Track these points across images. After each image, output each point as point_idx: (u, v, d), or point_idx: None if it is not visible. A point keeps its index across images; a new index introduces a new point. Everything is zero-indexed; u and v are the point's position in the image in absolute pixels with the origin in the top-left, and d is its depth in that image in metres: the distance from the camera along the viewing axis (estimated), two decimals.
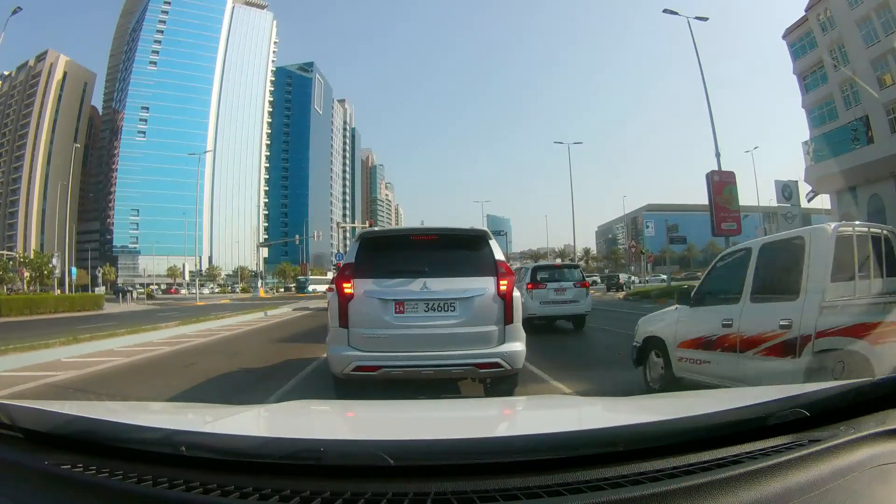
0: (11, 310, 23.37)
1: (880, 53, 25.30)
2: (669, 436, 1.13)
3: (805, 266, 3.84)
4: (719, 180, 21.36)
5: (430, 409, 2.13)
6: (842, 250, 3.77)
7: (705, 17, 23.07)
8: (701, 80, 22.05)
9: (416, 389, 4.54)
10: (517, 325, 4.59)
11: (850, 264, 3.74)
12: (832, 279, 3.71)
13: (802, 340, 3.67)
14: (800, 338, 3.70)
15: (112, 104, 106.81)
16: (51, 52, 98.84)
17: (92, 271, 70.01)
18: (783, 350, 3.81)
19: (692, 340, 4.79)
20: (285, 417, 1.86)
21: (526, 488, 0.94)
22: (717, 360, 4.49)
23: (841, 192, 27.35)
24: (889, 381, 1.23)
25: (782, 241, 4.43)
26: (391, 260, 4.67)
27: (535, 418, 1.89)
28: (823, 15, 28.94)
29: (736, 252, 4.90)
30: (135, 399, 5.15)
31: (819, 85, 30.11)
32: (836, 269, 3.73)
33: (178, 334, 12.40)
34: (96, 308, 28.48)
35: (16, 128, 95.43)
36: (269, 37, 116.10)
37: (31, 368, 7.47)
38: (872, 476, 1.01)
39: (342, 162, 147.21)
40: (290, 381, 6.26)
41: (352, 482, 0.97)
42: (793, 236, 4.28)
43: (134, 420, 1.40)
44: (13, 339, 10.11)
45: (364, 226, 57.16)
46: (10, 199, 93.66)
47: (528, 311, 9.56)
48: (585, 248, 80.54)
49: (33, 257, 52.32)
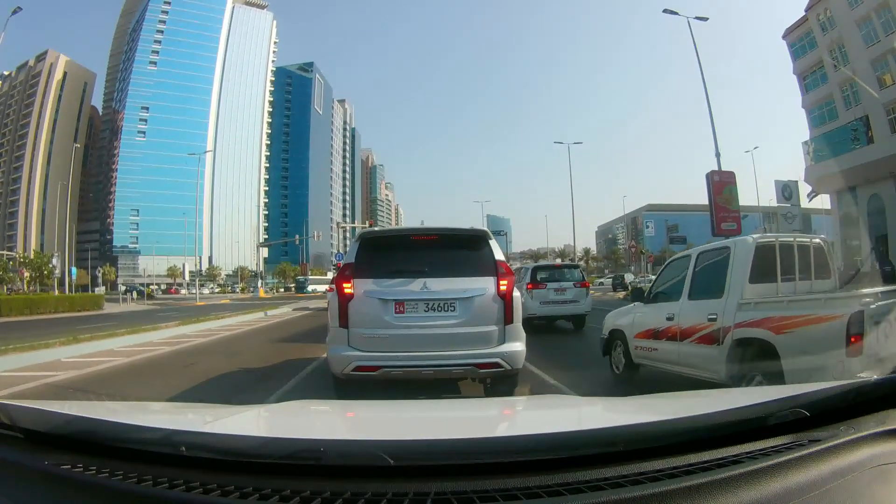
0: (11, 310, 23.37)
1: (880, 53, 25.27)
2: (669, 436, 1.13)
3: (729, 271, 4.64)
4: (719, 180, 21.35)
5: (430, 409, 2.13)
6: (761, 258, 4.54)
7: (705, 17, 23.07)
8: (701, 79, 22.07)
9: (416, 389, 4.54)
10: (517, 325, 4.59)
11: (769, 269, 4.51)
12: (751, 281, 4.48)
13: (724, 331, 4.44)
14: (722, 329, 4.47)
15: (112, 104, 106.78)
16: (51, 52, 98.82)
17: (92, 271, 69.97)
18: (710, 339, 4.58)
19: (644, 332, 5.62)
20: (285, 417, 1.86)
21: (526, 488, 0.94)
22: (662, 348, 5.32)
23: (841, 192, 27.31)
24: (889, 381, 1.23)
25: (714, 249, 5.19)
26: (391, 260, 4.67)
27: (535, 418, 1.89)
28: (823, 15, 28.91)
29: (680, 258, 5.71)
30: (135, 399, 5.15)
31: (819, 85, 30.08)
32: (755, 273, 4.50)
33: (178, 334, 12.40)
34: (96, 308, 28.49)
35: (16, 128, 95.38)
36: (269, 37, 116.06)
37: (31, 368, 7.47)
38: (872, 476, 1.01)
39: (342, 162, 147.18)
40: (290, 381, 6.27)
41: (352, 482, 0.97)
42: (722, 246, 5.08)
43: (134, 420, 1.40)
44: (13, 339, 10.11)
45: (364, 226, 57.14)
46: (10, 199, 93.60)
47: (528, 311, 9.56)
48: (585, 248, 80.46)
49: (33, 257, 52.26)
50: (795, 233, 5.23)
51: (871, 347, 3.53)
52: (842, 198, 27.50)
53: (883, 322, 3.61)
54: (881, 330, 3.61)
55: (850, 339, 3.52)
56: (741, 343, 4.29)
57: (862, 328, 3.53)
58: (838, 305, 3.78)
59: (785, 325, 3.95)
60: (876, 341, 3.57)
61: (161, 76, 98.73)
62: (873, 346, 3.55)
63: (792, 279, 4.59)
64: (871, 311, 3.61)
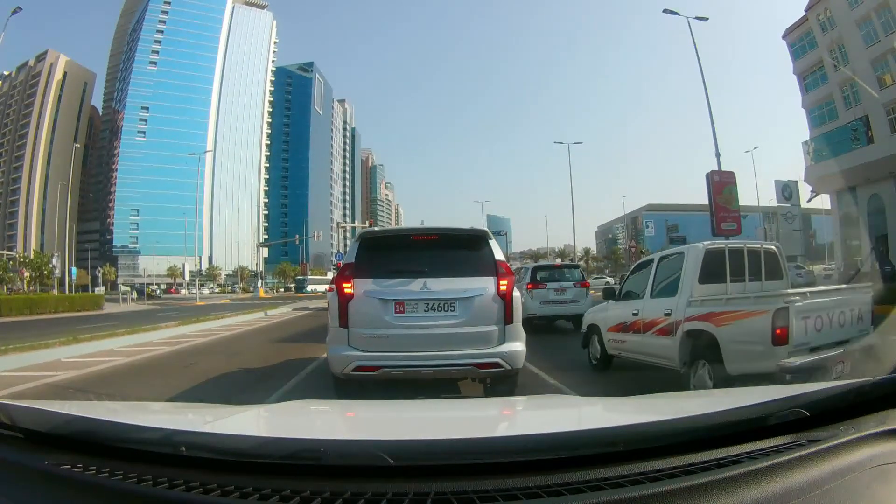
0: (11, 310, 23.37)
1: (880, 53, 25.25)
2: (669, 436, 1.13)
3: (682, 273, 5.29)
4: (719, 180, 21.31)
5: (430, 409, 2.13)
6: (710, 262, 5.17)
7: (705, 17, 23.04)
8: (701, 79, 22.05)
9: (416, 389, 4.53)
10: (517, 325, 4.58)
11: (719, 271, 5.12)
12: (700, 282, 5.10)
13: (676, 324, 5.08)
14: (675, 322, 5.11)
15: (112, 104, 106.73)
16: (51, 52, 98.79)
17: (92, 271, 69.98)
18: (666, 331, 5.24)
19: (615, 326, 6.35)
20: (285, 417, 1.86)
21: (526, 488, 0.94)
22: (630, 340, 6.02)
23: (841, 192, 27.28)
24: (889, 381, 1.23)
25: (672, 254, 5.88)
26: (391, 260, 4.67)
27: (535, 418, 1.89)
28: (823, 15, 28.89)
29: (645, 261, 6.43)
30: (135, 399, 5.15)
31: (819, 85, 30.05)
32: (705, 275, 5.13)
33: (178, 334, 12.40)
34: (96, 308, 28.50)
35: (16, 128, 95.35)
36: (269, 37, 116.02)
37: (31, 368, 7.47)
38: (872, 476, 1.01)
39: (342, 162, 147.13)
40: (290, 381, 6.26)
41: (352, 482, 0.97)
42: (678, 251, 5.72)
43: (134, 420, 1.40)
44: (13, 339, 10.11)
45: (364, 226, 57.11)
46: (10, 199, 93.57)
47: (528, 311, 9.56)
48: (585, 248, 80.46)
49: (33, 257, 52.25)
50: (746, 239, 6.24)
51: (799, 338, 4.05)
52: (842, 198, 27.48)
53: (812, 317, 4.16)
54: (810, 323, 4.14)
55: (775, 331, 4.04)
56: (690, 334, 4.90)
57: (786, 321, 4.02)
58: (766, 302, 4.28)
59: (724, 318, 4.53)
60: (805, 333, 4.10)
61: (161, 76, 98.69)
62: (801, 337, 4.07)
63: (742, 280, 5.16)
64: (798, 308, 4.10)
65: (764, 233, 39.61)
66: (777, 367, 3.96)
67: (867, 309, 4.73)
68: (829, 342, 4.29)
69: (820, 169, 27.19)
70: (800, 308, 4.10)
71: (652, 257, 6.28)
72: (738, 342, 4.37)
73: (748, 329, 4.27)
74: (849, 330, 4.49)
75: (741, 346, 4.36)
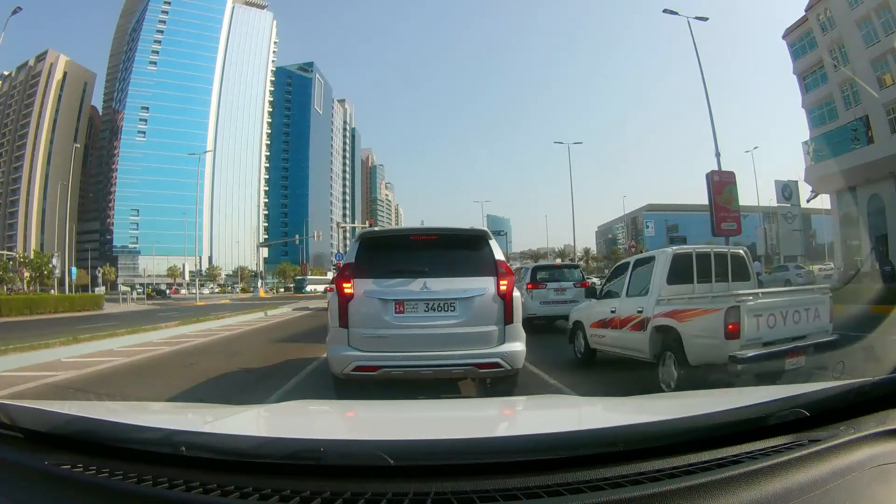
0: (11, 310, 23.35)
1: (880, 53, 25.25)
2: (669, 436, 1.13)
3: (653, 274, 5.86)
4: (719, 180, 21.31)
5: (430, 409, 2.13)
6: (678, 265, 5.78)
7: (705, 17, 23.03)
8: (701, 79, 22.05)
9: (416, 389, 4.53)
10: (517, 325, 4.58)
11: (687, 273, 5.76)
12: (669, 283, 5.68)
13: (647, 320, 5.62)
14: (646, 318, 5.64)
15: (112, 104, 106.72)
16: (51, 52, 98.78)
17: (92, 271, 69.99)
18: (639, 326, 5.78)
19: (596, 322, 6.90)
20: (285, 417, 1.86)
21: (526, 488, 0.94)
22: (609, 335, 6.55)
23: (841, 192, 27.29)
24: (889, 381, 1.23)
25: (645, 257, 6.51)
26: (391, 260, 4.66)
27: (535, 418, 1.89)
28: (823, 15, 28.89)
29: (623, 264, 7.02)
30: (135, 399, 5.15)
31: (819, 85, 30.04)
32: (673, 276, 5.72)
33: (178, 334, 12.39)
34: (96, 308, 28.50)
35: (16, 128, 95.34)
36: (269, 37, 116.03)
37: (31, 368, 7.47)
38: (872, 476, 1.01)
39: (342, 162, 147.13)
40: (290, 381, 6.26)
41: (352, 482, 0.97)
42: (650, 255, 6.38)
43: (134, 420, 1.40)
44: (13, 339, 10.10)
45: (364, 226, 57.11)
46: (10, 199, 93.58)
47: (528, 311, 9.55)
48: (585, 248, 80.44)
49: (33, 257, 52.23)
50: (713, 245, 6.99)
51: (750, 333, 4.53)
52: (842, 198, 27.49)
53: (764, 315, 4.63)
54: (762, 320, 4.61)
55: (727, 326, 4.53)
56: (658, 329, 5.44)
57: (737, 318, 4.52)
58: (721, 301, 4.77)
59: (686, 315, 5.08)
60: (756, 328, 4.57)
61: (161, 76, 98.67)
62: (753, 333, 4.55)
63: (709, 281, 5.78)
64: (750, 307, 4.57)
65: (764, 233, 39.65)
66: (729, 359, 4.48)
67: (825, 309, 5.07)
68: (784, 338, 4.73)
69: (820, 169, 27.19)
70: (751, 307, 4.57)
71: (628, 260, 6.87)
72: (698, 336, 4.87)
73: (705, 325, 4.79)
74: (805, 327, 4.88)
75: (700, 339, 4.85)
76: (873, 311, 9.77)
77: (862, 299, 11.37)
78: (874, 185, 24.73)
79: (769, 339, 4.63)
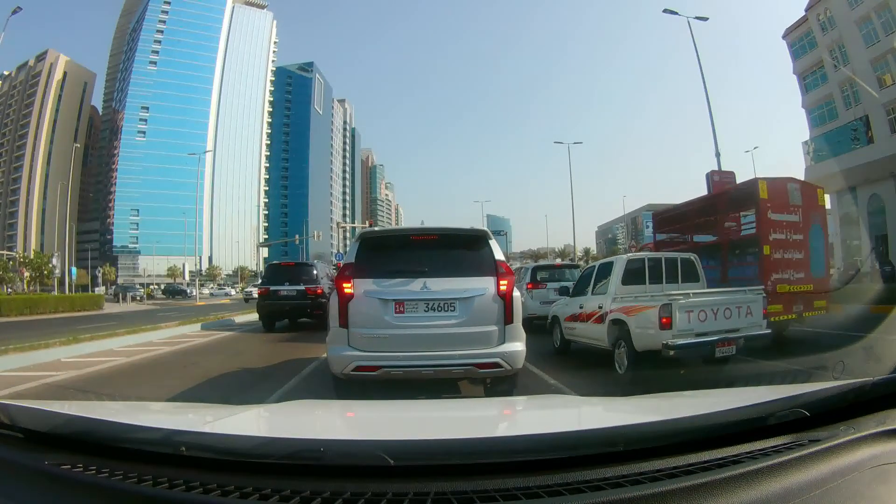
0: (11, 310, 23.34)
1: (880, 53, 25.25)
2: (669, 436, 1.13)
3: (611, 276, 6.92)
4: (719, 180, 21.25)
5: (430, 409, 2.13)
6: (631, 268, 7.00)
7: (705, 17, 23.00)
8: (701, 79, 22.04)
9: (416, 389, 4.53)
10: (517, 325, 4.58)
11: (640, 275, 6.97)
12: (623, 283, 6.78)
13: (605, 315, 6.60)
14: (605, 313, 6.62)
15: (112, 104, 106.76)
16: (51, 52, 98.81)
17: (92, 271, 69.91)
18: (599, 320, 6.74)
19: (568, 317, 7.90)
20: (285, 417, 1.86)
21: (526, 488, 0.94)
22: (578, 327, 7.54)
23: (841, 192, 27.27)
24: (889, 381, 1.23)
25: (607, 262, 7.53)
26: (391, 260, 4.66)
27: (536, 418, 1.89)
28: (823, 15, 28.88)
29: (590, 267, 8.10)
30: (135, 399, 5.13)
31: (819, 85, 30.04)
32: (627, 278, 6.85)
33: (179, 334, 12.39)
34: (96, 308, 28.48)
35: (16, 128, 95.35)
36: (269, 37, 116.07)
37: (31, 368, 7.46)
38: (872, 476, 1.01)
39: (342, 162, 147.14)
40: (290, 381, 6.25)
41: (352, 482, 0.97)
42: (611, 260, 7.44)
43: (134, 420, 1.40)
44: (13, 339, 10.08)
45: (364, 226, 57.03)
46: (10, 199, 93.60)
47: (528, 311, 9.53)
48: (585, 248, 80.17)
49: (33, 257, 52.14)
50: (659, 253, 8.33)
51: (681, 325, 5.45)
52: (842, 198, 27.47)
53: (695, 311, 5.54)
54: (693, 315, 5.52)
55: (661, 319, 5.48)
56: (613, 322, 6.37)
57: (669, 313, 5.46)
58: (657, 300, 5.72)
59: (633, 311, 6.04)
60: (688, 322, 5.49)
61: (161, 76, 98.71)
62: (684, 325, 5.47)
63: (660, 282, 6.92)
64: (681, 304, 5.49)
65: None
66: (662, 346, 5.43)
67: (757, 307, 5.97)
68: (717, 330, 5.61)
69: (820, 169, 27.18)
70: (682, 304, 5.50)
71: (594, 264, 8.07)
72: (640, 328, 5.82)
73: (646, 318, 5.73)
74: (737, 322, 5.77)
75: (642, 330, 5.79)
76: (873, 311, 9.78)
77: (862, 299, 11.39)
78: (874, 185, 24.73)
79: (701, 330, 5.55)
